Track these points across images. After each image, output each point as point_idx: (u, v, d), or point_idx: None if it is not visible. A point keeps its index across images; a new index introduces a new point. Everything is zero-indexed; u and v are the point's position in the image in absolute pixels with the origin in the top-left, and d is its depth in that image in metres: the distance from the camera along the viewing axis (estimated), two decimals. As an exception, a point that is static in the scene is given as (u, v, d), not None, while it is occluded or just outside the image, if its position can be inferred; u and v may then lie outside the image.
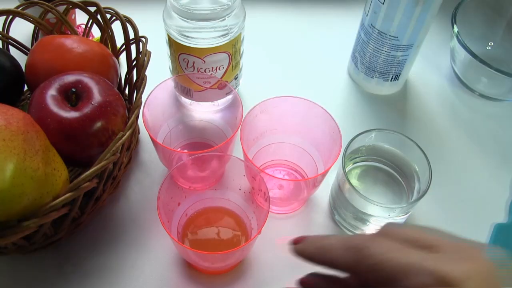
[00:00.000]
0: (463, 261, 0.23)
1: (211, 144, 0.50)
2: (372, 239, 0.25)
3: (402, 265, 0.22)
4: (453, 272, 0.21)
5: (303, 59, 0.62)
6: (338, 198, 0.44)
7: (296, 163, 0.49)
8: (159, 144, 0.42)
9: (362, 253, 0.24)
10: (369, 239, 0.25)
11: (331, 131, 0.43)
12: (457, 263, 0.22)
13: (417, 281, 0.22)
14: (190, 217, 0.44)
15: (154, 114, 0.45)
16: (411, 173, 0.44)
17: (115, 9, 0.48)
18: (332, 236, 0.27)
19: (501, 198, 0.49)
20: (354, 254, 0.24)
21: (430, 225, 0.28)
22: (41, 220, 0.33)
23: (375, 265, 0.23)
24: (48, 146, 0.36)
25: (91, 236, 0.44)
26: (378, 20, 0.50)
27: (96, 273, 0.42)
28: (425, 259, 0.22)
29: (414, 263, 0.22)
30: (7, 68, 0.44)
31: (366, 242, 0.24)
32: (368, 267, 0.23)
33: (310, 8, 0.69)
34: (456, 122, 0.56)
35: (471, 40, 0.55)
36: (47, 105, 0.38)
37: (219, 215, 0.45)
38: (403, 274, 0.22)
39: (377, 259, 0.23)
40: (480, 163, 0.52)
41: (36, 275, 0.42)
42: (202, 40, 0.45)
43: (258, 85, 0.57)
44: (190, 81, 0.49)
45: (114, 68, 0.47)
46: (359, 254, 0.24)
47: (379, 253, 0.23)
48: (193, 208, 0.44)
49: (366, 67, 0.56)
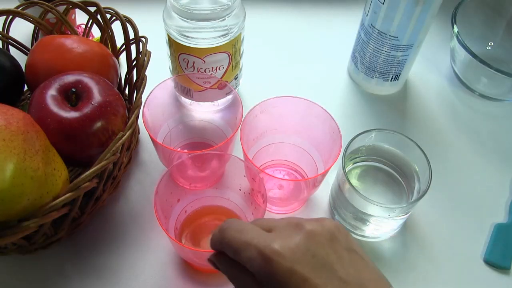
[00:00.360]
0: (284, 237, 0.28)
1: (211, 144, 0.50)
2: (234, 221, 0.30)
3: (241, 242, 0.28)
4: (270, 246, 0.27)
5: (303, 59, 0.62)
6: (338, 198, 0.44)
7: (296, 163, 0.49)
8: (159, 143, 0.42)
9: (223, 233, 0.29)
10: (231, 221, 0.30)
11: (331, 131, 0.43)
12: (279, 239, 0.27)
13: (246, 255, 0.27)
14: (189, 214, 0.44)
15: (154, 114, 0.45)
16: (411, 173, 0.44)
17: (115, 9, 0.48)
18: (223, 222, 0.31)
19: (501, 198, 0.49)
20: (220, 234, 0.30)
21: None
22: (41, 220, 0.33)
23: (228, 242, 0.29)
24: (48, 146, 0.36)
25: (91, 236, 0.44)
26: (378, 20, 0.50)
27: (96, 273, 0.42)
28: (258, 237, 0.28)
29: (246, 240, 0.28)
30: (7, 68, 0.44)
31: (228, 224, 0.30)
32: (225, 244, 0.29)
33: (310, 8, 0.69)
34: (456, 122, 0.56)
35: (471, 40, 0.55)
36: (47, 105, 0.38)
37: (218, 214, 0.45)
38: (240, 249, 0.28)
39: (229, 236, 0.29)
40: (480, 163, 0.52)
41: (36, 275, 0.42)
42: (202, 40, 0.45)
43: (258, 85, 0.57)
44: (190, 81, 0.49)
45: (114, 68, 0.47)
46: (222, 234, 0.29)
47: (231, 232, 0.29)
48: (192, 206, 0.44)
49: (366, 67, 0.56)
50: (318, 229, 0.28)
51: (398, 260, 0.44)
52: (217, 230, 0.30)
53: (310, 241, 0.27)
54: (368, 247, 0.45)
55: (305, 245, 0.27)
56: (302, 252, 0.27)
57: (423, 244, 0.46)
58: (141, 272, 0.43)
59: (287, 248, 0.27)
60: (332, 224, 0.29)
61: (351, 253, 0.29)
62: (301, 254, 0.27)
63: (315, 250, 0.27)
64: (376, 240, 0.45)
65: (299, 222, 0.29)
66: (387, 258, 0.45)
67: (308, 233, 0.28)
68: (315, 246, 0.27)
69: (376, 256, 0.45)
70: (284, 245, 0.27)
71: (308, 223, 0.29)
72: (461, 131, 0.55)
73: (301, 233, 0.28)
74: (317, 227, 0.28)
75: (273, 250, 0.27)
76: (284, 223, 0.29)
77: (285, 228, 0.29)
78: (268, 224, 0.30)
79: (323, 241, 0.28)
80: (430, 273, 0.44)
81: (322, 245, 0.28)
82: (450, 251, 0.45)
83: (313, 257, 0.27)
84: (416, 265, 0.44)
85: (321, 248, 0.27)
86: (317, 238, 0.28)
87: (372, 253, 0.45)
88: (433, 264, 0.44)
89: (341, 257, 0.28)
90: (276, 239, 0.27)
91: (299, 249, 0.27)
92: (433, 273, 0.44)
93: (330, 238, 0.28)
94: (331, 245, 0.28)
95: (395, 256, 0.45)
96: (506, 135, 0.55)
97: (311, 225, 0.28)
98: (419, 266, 0.44)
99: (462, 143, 0.54)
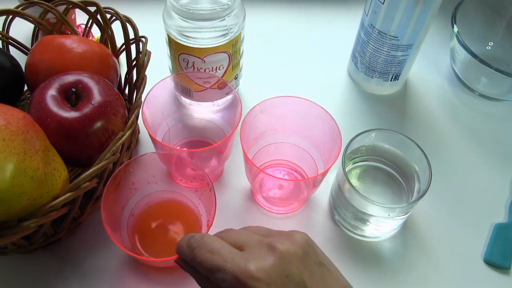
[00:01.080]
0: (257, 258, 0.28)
1: (210, 143, 0.50)
2: (203, 238, 0.30)
3: (213, 265, 0.28)
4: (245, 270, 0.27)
5: (303, 59, 0.62)
6: (338, 198, 0.44)
7: (296, 163, 0.49)
8: (158, 141, 0.42)
9: (193, 252, 0.30)
10: (201, 238, 0.30)
11: (331, 131, 0.43)
12: (252, 261, 0.28)
13: (219, 276, 0.28)
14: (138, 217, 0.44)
15: (153, 112, 0.45)
16: (411, 173, 0.44)
17: (115, 9, 0.48)
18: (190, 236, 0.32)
19: (501, 198, 0.49)
20: (190, 252, 0.30)
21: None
22: (41, 220, 0.33)
23: (199, 263, 0.29)
24: (48, 146, 0.36)
25: (91, 236, 0.44)
26: (378, 20, 0.50)
27: (96, 273, 0.42)
28: (231, 259, 0.28)
29: (219, 262, 0.28)
30: (7, 68, 0.44)
31: (197, 241, 0.30)
32: (197, 263, 0.29)
33: (310, 8, 0.69)
34: (456, 122, 0.56)
35: (471, 40, 0.55)
36: (47, 105, 0.38)
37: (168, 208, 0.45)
38: (213, 271, 0.28)
39: (200, 257, 0.29)
40: (480, 163, 0.52)
41: (36, 275, 0.42)
42: (202, 40, 0.45)
43: (258, 85, 0.57)
44: (190, 81, 0.49)
45: (114, 68, 0.47)
46: (192, 253, 0.30)
47: (203, 252, 0.29)
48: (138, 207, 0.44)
49: (366, 67, 0.56)
50: (291, 248, 0.29)
51: (398, 260, 0.44)
52: (184, 245, 0.31)
53: (283, 262, 0.28)
54: (368, 247, 0.45)
55: (279, 266, 0.28)
56: (277, 274, 0.28)
57: (423, 244, 0.46)
58: (141, 271, 0.43)
59: (262, 271, 0.27)
60: (303, 239, 0.30)
61: (321, 267, 0.30)
62: (276, 276, 0.27)
63: (288, 270, 0.28)
64: (376, 240, 0.45)
65: (270, 242, 0.29)
66: (387, 258, 0.45)
67: (281, 254, 0.28)
68: (288, 266, 0.28)
69: (376, 256, 0.45)
70: (259, 268, 0.27)
71: (279, 242, 0.29)
72: (461, 131, 0.55)
73: (274, 254, 0.28)
74: (289, 246, 0.29)
75: (249, 275, 0.27)
76: (255, 240, 0.30)
77: (257, 247, 0.29)
78: (238, 239, 0.31)
79: (295, 260, 0.29)
80: (430, 273, 0.44)
81: (295, 264, 0.28)
82: (450, 251, 0.45)
83: (287, 277, 0.28)
84: (416, 265, 0.44)
85: (294, 267, 0.28)
86: (290, 257, 0.28)
87: (372, 253, 0.45)
88: (433, 264, 0.44)
89: (313, 273, 0.29)
90: (250, 260, 0.28)
91: (274, 270, 0.28)
92: (433, 273, 0.44)
93: (302, 255, 0.29)
94: (303, 262, 0.29)
95: (395, 256, 0.45)
96: (506, 135, 0.55)
97: (283, 244, 0.29)
98: (419, 266, 0.44)
99: (462, 143, 0.54)
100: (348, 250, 0.45)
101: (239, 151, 0.43)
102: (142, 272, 0.43)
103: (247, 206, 0.47)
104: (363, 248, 0.45)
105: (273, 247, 0.29)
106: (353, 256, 0.44)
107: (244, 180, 0.48)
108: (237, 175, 0.49)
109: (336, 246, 0.45)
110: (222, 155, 0.46)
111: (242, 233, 0.32)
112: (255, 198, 0.48)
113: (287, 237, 0.30)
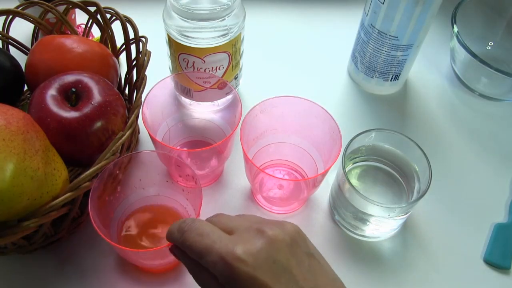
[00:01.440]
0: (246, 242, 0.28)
1: (210, 143, 0.50)
2: (194, 222, 0.30)
3: (203, 247, 0.29)
4: (232, 252, 0.27)
5: (303, 59, 0.62)
6: (338, 198, 0.44)
7: (296, 163, 0.49)
8: (158, 141, 0.42)
9: (183, 236, 0.30)
10: (192, 222, 0.30)
11: (331, 131, 0.43)
12: (240, 244, 0.28)
13: (208, 259, 0.28)
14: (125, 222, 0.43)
15: (153, 112, 0.45)
16: (411, 173, 0.44)
17: (115, 9, 0.48)
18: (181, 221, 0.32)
19: (501, 198, 0.49)
20: (180, 236, 0.30)
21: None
22: (41, 220, 0.33)
23: (189, 246, 0.29)
24: (48, 146, 0.36)
25: (91, 236, 0.44)
26: (378, 20, 0.50)
27: (96, 273, 0.42)
28: (219, 241, 0.28)
29: (208, 245, 0.28)
30: (7, 68, 0.44)
31: (188, 225, 0.30)
32: (186, 247, 0.30)
33: (310, 8, 0.69)
34: (456, 122, 0.56)
35: (471, 40, 0.55)
36: (47, 105, 0.38)
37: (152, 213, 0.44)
38: (202, 254, 0.28)
39: (190, 240, 0.29)
40: (480, 163, 0.52)
41: (36, 275, 0.42)
42: (202, 40, 0.45)
43: (258, 85, 0.57)
44: (190, 81, 0.49)
45: (114, 68, 0.47)
46: (182, 236, 0.30)
47: (192, 235, 0.29)
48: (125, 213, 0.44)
49: (366, 67, 0.56)
50: (280, 234, 0.29)
51: (398, 260, 0.44)
52: (175, 229, 0.31)
53: (271, 247, 0.28)
54: (368, 247, 0.45)
55: (267, 251, 0.28)
56: (264, 258, 0.28)
57: (423, 244, 0.46)
58: (141, 271, 0.43)
59: (249, 253, 0.27)
60: (293, 229, 0.30)
61: (310, 257, 0.30)
62: (262, 260, 0.27)
63: (276, 255, 0.28)
64: (376, 240, 0.45)
65: (260, 227, 0.29)
66: (387, 258, 0.45)
67: (270, 239, 0.28)
68: (276, 251, 0.28)
69: (376, 256, 0.45)
70: (246, 251, 0.28)
71: (269, 227, 0.29)
72: (461, 131, 0.55)
73: (263, 238, 0.28)
74: (278, 232, 0.29)
75: (235, 256, 0.27)
76: (246, 226, 0.30)
77: (246, 231, 0.29)
78: (228, 224, 0.31)
79: (283, 246, 0.28)
80: (430, 273, 0.44)
81: (283, 251, 0.28)
82: (450, 251, 0.45)
83: (274, 262, 0.28)
84: (416, 265, 0.44)
85: (282, 254, 0.28)
86: (278, 243, 0.28)
87: (372, 253, 0.45)
88: (433, 264, 0.44)
89: (301, 262, 0.29)
90: (238, 243, 0.28)
91: (261, 254, 0.28)
92: (433, 273, 0.44)
93: (290, 243, 0.29)
94: (292, 250, 0.29)
95: (395, 256, 0.45)
96: (506, 135, 0.55)
97: (272, 230, 0.29)
98: (419, 266, 0.44)
99: (462, 143, 0.54)
100: (348, 250, 0.45)
101: (239, 151, 0.43)
102: (142, 272, 0.43)
103: (247, 206, 0.47)
104: (363, 248, 0.45)
105: (262, 231, 0.29)
106: (353, 256, 0.44)
107: (244, 180, 0.48)
108: (237, 175, 0.49)
109: (336, 246, 0.45)
110: (222, 155, 0.46)
111: (233, 219, 0.32)
112: (255, 198, 0.48)
113: (277, 224, 0.30)
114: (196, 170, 0.44)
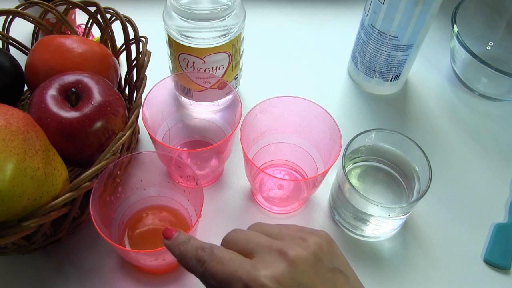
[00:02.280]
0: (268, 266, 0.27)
1: (210, 142, 0.50)
2: (213, 251, 0.29)
3: (225, 276, 0.28)
4: (256, 279, 0.27)
5: (303, 59, 0.62)
6: (338, 198, 0.44)
7: (296, 163, 0.49)
8: (158, 141, 0.42)
9: (204, 265, 0.29)
10: (211, 251, 0.29)
11: (331, 131, 0.43)
12: (263, 269, 0.27)
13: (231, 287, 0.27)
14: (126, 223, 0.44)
15: (153, 112, 0.45)
16: (411, 173, 0.44)
17: (115, 9, 0.48)
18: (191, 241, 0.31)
19: (501, 198, 0.49)
20: (201, 266, 0.29)
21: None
22: (41, 220, 0.33)
23: (211, 275, 0.28)
24: (48, 146, 0.36)
25: (91, 236, 0.44)
26: (378, 20, 0.50)
27: (96, 273, 0.42)
28: (241, 268, 0.28)
29: (230, 274, 0.28)
30: (7, 68, 0.44)
31: (208, 255, 0.29)
32: (208, 276, 0.29)
33: (310, 8, 0.69)
34: (456, 122, 0.56)
35: (471, 40, 0.55)
36: (47, 105, 0.38)
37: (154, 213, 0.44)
38: (225, 283, 0.28)
39: (210, 270, 0.28)
40: (480, 163, 0.52)
41: (36, 275, 0.42)
42: (202, 40, 0.45)
43: (258, 85, 0.57)
44: (190, 81, 0.49)
45: (114, 68, 0.47)
46: (203, 266, 0.29)
47: (213, 264, 0.29)
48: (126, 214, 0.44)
49: (366, 67, 0.56)
50: (302, 254, 0.28)
51: (398, 260, 0.44)
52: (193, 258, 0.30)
53: (294, 269, 0.27)
54: (368, 247, 0.45)
55: (290, 274, 0.27)
56: (288, 283, 0.27)
57: (423, 244, 0.46)
58: (141, 271, 0.43)
59: (272, 279, 0.27)
60: (316, 244, 0.29)
61: (335, 273, 0.29)
62: (287, 284, 0.27)
63: (300, 277, 0.27)
64: (376, 240, 0.45)
65: (281, 248, 0.28)
66: (387, 258, 0.45)
67: (292, 261, 0.28)
68: (300, 273, 0.27)
69: (376, 256, 0.45)
70: (269, 276, 0.27)
71: (290, 248, 0.28)
72: (461, 131, 0.55)
73: (285, 262, 0.28)
74: (300, 251, 0.28)
75: (259, 283, 0.27)
76: (265, 246, 0.29)
77: (268, 254, 0.28)
78: (247, 246, 0.30)
79: (306, 267, 0.28)
80: (430, 273, 0.44)
81: (306, 272, 0.28)
82: (450, 251, 0.45)
83: (298, 285, 0.27)
84: (416, 265, 0.44)
85: (305, 275, 0.27)
86: (301, 265, 0.28)
87: (372, 253, 0.45)
88: (433, 264, 0.44)
89: (326, 281, 0.28)
90: (260, 269, 0.27)
91: (284, 279, 0.27)
92: (433, 273, 0.44)
93: (314, 262, 0.28)
94: (315, 269, 0.28)
95: (395, 256, 0.45)
96: (506, 135, 0.55)
97: (294, 249, 0.28)
98: (419, 266, 0.44)
99: (462, 143, 0.54)
100: (348, 250, 0.45)
101: (239, 151, 0.43)
102: (142, 273, 0.43)
103: (247, 206, 0.47)
104: (363, 248, 0.45)
105: (284, 253, 0.28)
106: (353, 256, 0.44)
107: (244, 180, 0.48)
108: (237, 175, 0.49)
109: (336, 246, 0.45)
110: (222, 155, 0.46)
111: (250, 238, 0.30)
112: (255, 198, 0.48)
113: (299, 241, 0.29)
114: (196, 170, 0.44)
